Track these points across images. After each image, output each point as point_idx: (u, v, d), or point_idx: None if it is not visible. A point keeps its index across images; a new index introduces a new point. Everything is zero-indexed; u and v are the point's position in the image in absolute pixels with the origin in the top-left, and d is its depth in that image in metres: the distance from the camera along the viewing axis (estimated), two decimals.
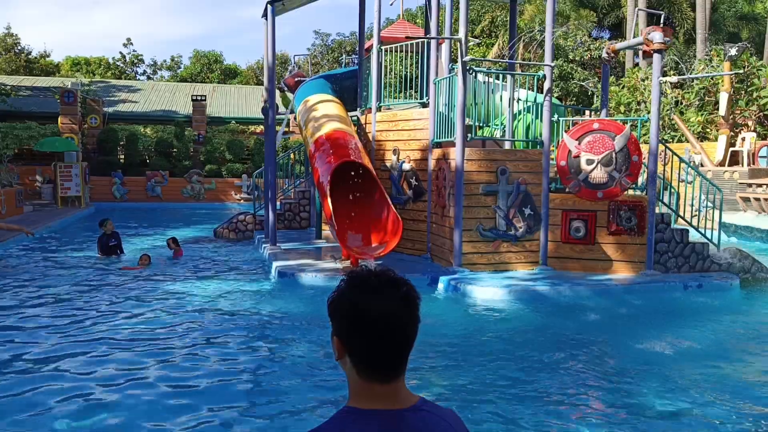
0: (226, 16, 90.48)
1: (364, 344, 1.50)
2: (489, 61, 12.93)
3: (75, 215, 18.79)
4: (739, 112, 20.00)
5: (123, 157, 26.06)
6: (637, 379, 5.61)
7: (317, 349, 6.24)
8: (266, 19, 11.47)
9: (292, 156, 16.33)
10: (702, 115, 20.88)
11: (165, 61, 52.23)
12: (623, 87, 23.89)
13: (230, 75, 48.59)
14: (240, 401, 5.07)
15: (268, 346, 6.58)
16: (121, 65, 49.05)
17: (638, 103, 22.73)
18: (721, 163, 18.07)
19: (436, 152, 10.25)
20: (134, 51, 50.03)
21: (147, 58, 62.70)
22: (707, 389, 5.40)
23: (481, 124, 10.31)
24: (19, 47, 44.78)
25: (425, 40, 10.90)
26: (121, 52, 49.53)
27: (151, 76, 50.70)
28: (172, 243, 11.84)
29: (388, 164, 11.21)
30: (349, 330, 1.51)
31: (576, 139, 9.34)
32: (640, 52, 9.90)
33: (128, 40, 50.69)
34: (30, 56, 45.14)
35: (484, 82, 10.05)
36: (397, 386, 1.54)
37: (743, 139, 18.25)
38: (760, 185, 16.00)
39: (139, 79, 46.55)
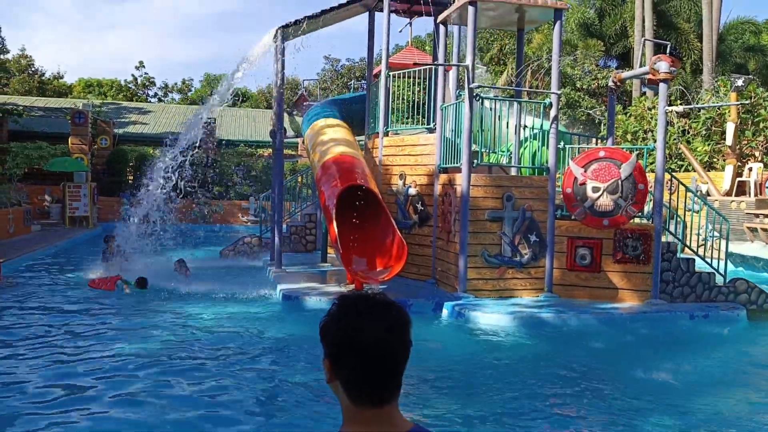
0: (238, 40, 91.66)
1: (355, 367, 1.49)
2: (495, 88, 13.04)
3: (82, 235, 18.87)
4: (746, 142, 20.00)
5: (132, 178, 26.24)
6: (643, 410, 5.56)
7: (320, 373, 6.20)
8: (276, 43, 11.62)
9: (299, 179, 16.41)
10: (709, 144, 20.89)
11: (176, 83, 52.85)
12: (630, 115, 23.97)
13: (240, 98, 49.02)
14: (242, 424, 5.04)
15: (271, 368, 6.56)
16: (133, 87, 49.61)
17: (645, 132, 22.77)
18: (728, 193, 18.03)
19: (443, 178, 10.28)
20: (146, 74, 50.65)
21: (158, 80, 63.43)
22: (712, 421, 5.34)
23: (487, 151, 10.37)
24: (33, 68, 45.41)
25: (433, 67, 11.01)
26: (133, 75, 50.16)
27: (162, 98, 51.25)
28: (178, 265, 11.84)
29: (394, 189, 11.25)
30: (340, 353, 1.51)
31: (582, 167, 9.36)
32: (645, 81, 9.96)
33: (140, 62, 51.56)
34: (43, 77, 45.74)
35: (491, 109, 10.12)
36: (390, 410, 1.53)
37: (750, 169, 18.22)
38: (767, 215, 15.94)
39: (150, 102, 47.05)
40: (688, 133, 21.72)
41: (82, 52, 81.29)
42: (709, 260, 10.19)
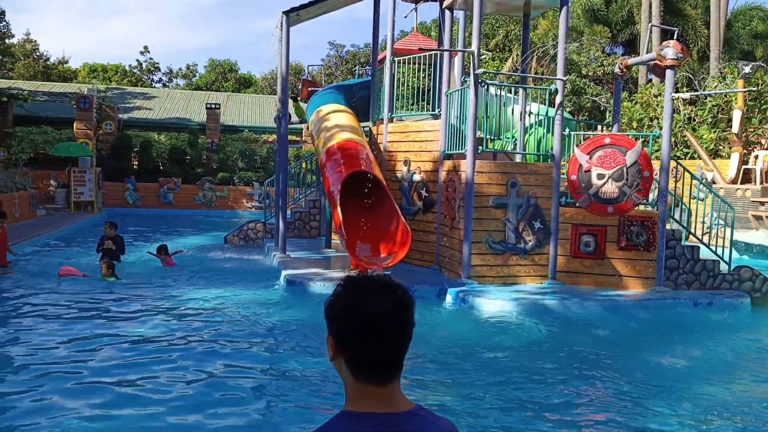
0: (243, 26, 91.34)
1: (359, 346, 1.52)
2: (501, 74, 12.98)
3: (87, 220, 18.94)
4: (752, 130, 19.90)
5: (137, 163, 26.27)
6: (645, 397, 5.58)
7: (324, 357, 6.24)
8: (281, 29, 11.58)
9: (303, 165, 16.42)
10: (715, 132, 20.78)
11: (181, 69, 52.74)
12: (636, 103, 23.85)
13: (245, 84, 48.95)
14: (247, 410, 5.09)
15: (276, 353, 6.60)
16: (138, 73, 49.53)
17: (651, 119, 22.66)
18: (734, 181, 17.96)
19: (447, 164, 10.27)
20: (151, 59, 50.55)
21: (163, 66, 63.38)
22: (715, 408, 5.36)
23: (492, 137, 10.35)
24: (38, 53, 45.35)
25: (438, 53, 10.96)
26: (137, 60, 50.09)
27: (167, 84, 51.17)
28: (158, 252, 11.47)
29: (398, 175, 11.25)
30: (344, 331, 1.53)
31: (587, 154, 9.33)
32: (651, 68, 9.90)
33: (145, 48, 51.29)
34: (48, 62, 45.68)
35: (496, 95, 10.08)
36: (393, 389, 1.56)
37: (756, 157, 18.15)
38: None
39: (154, 87, 46.97)
40: (694, 120, 21.61)
41: (86, 37, 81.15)
42: (713, 248, 10.18)
